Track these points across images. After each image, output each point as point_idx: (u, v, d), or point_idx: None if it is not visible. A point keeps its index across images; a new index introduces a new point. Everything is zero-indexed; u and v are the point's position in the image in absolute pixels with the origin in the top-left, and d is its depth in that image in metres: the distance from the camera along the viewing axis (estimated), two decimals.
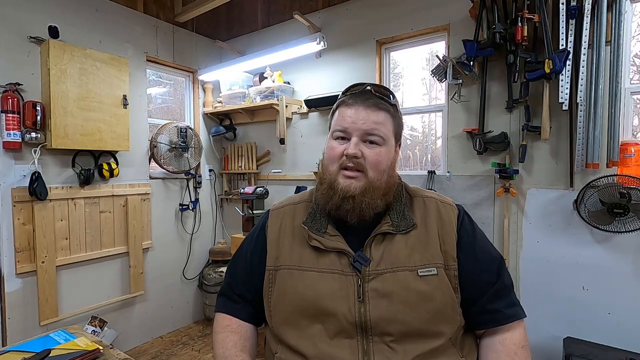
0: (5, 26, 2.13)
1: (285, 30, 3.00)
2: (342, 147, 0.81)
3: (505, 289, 0.84)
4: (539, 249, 2.01)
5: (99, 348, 1.04)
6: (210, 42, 3.37)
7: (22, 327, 2.21)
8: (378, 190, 0.81)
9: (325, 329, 0.77)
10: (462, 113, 2.22)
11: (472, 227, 0.87)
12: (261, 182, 3.20)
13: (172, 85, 3.32)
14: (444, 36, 2.34)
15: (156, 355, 2.73)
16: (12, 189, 2.15)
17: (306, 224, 0.86)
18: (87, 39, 2.47)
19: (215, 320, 0.96)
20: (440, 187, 2.29)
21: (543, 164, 1.98)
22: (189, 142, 3.06)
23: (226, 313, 0.95)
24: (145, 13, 2.86)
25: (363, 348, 0.75)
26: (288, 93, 2.96)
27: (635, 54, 1.89)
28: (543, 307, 1.96)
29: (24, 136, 2.15)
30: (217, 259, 3.29)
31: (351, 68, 2.66)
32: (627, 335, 1.77)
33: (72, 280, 2.44)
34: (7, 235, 2.15)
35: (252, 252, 0.93)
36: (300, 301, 0.79)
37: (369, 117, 0.81)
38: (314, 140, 2.87)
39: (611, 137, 1.73)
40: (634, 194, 1.66)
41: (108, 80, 2.45)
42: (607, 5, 1.72)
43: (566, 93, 1.78)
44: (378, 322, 0.75)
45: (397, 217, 0.83)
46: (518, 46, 1.86)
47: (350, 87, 0.89)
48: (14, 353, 0.98)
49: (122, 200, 2.69)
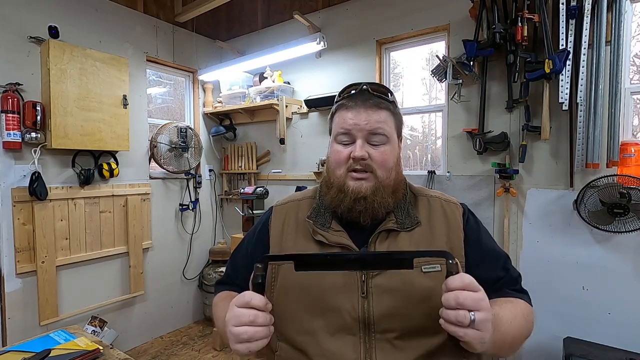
0: (5, 26, 2.13)
1: (285, 30, 3.00)
2: (347, 150, 0.81)
3: (514, 281, 0.85)
4: (539, 249, 2.01)
5: (99, 348, 1.04)
6: (210, 42, 3.37)
7: (22, 327, 2.21)
8: (387, 188, 0.81)
9: (327, 324, 0.77)
10: (462, 113, 2.22)
11: (477, 224, 0.88)
12: (261, 182, 3.20)
13: (172, 85, 3.32)
14: (444, 36, 2.34)
15: (156, 355, 2.73)
16: (12, 189, 2.15)
17: (311, 218, 0.86)
18: (87, 39, 2.47)
19: (214, 299, 0.96)
20: (440, 187, 2.29)
21: (543, 164, 1.98)
22: (189, 142, 3.06)
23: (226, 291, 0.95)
24: (145, 13, 2.86)
25: (365, 345, 0.74)
26: (288, 93, 2.96)
27: (635, 54, 1.89)
28: (543, 307, 1.96)
29: (24, 136, 2.15)
30: (217, 259, 3.29)
31: (351, 68, 2.66)
32: (627, 335, 1.78)
33: (72, 280, 2.44)
34: (7, 235, 2.15)
35: (254, 247, 0.93)
36: (304, 296, 0.79)
37: (371, 117, 0.80)
38: (314, 140, 2.87)
39: (611, 137, 1.73)
40: (634, 194, 1.66)
41: (108, 80, 2.46)
42: (607, 5, 1.72)
43: (566, 93, 1.78)
44: (381, 318, 0.75)
45: (401, 215, 0.83)
46: (518, 46, 1.86)
47: (346, 88, 0.87)
48: (14, 353, 0.98)
49: (122, 200, 2.70)
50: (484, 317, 0.59)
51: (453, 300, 0.59)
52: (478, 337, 0.59)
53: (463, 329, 0.58)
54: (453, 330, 0.59)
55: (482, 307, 0.59)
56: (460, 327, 0.58)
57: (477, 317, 0.58)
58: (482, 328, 0.59)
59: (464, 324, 0.58)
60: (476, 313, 0.58)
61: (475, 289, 0.60)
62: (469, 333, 0.58)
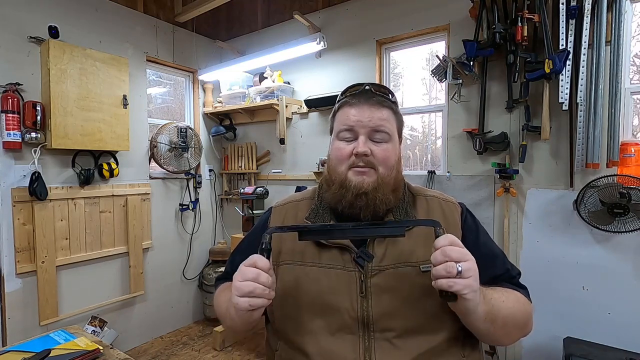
0: (5, 26, 2.13)
1: (285, 30, 3.00)
2: (350, 147, 0.81)
3: (512, 278, 0.86)
4: (538, 249, 2.01)
5: (99, 348, 1.04)
6: (210, 42, 3.37)
7: (22, 327, 2.21)
8: (389, 185, 0.81)
9: (327, 324, 0.77)
10: (462, 113, 2.22)
11: (475, 224, 0.89)
12: (261, 182, 3.20)
13: (172, 85, 3.32)
14: (444, 36, 2.34)
15: (156, 355, 2.73)
16: (12, 189, 2.15)
17: (309, 219, 0.86)
18: (87, 39, 2.47)
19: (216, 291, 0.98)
20: (440, 187, 2.28)
21: (543, 164, 1.98)
22: (189, 142, 3.06)
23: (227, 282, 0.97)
24: (145, 13, 2.86)
25: (364, 344, 0.75)
26: (288, 93, 2.96)
27: (635, 54, 1.89)
28: (543, 307, 1.96)
29: (24, 136, 2.15)
30: (217, 259, 3.29)
31: (351, 68, 2.66)
32: (627, 335, 1.78)
33: (72, 280, 2.44)
34: (7, 235, 2.15)
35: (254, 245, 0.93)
36: (303, 296, 0.79)
37: (374, 114, 0.81)
38: (314, 140, 2.87)
39: (611, 137, 1.73)
40: (634, 194, 1.66)
41: (108, 80, 2.45)
42: (607, 5, 1.72)
43: (566, 93, 1.78)
44: (380, 318, 0.75)
45: (400, 215, 0.84)
46: (518, 46, 1.86)
47: (349, 87, 0.89)
48: (14, 353, 0.98)
49: (122, 200, 2.69)
50: (469, 266, 0.64)
51: (440, 254, 0.64)
52: (467, 285, 0.63)
53: (452, 279, 0.63)
54: (443, 283, 0.63)
55: (467, 258, 0.65)
56: (450, 278, 0.63)
57: (463, 267, 0.63)
58: (470, 275, 0.64)
59: (452, 274, 0.63)
60: (462, 264, 0.63)
61: (460, 245, 0.66)
62: (458, 282, 0.63)
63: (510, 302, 0.77)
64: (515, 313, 0.77)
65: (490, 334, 0.76)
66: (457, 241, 0.66)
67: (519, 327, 0.80)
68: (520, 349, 2.07)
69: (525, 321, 0.81)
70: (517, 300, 0.79)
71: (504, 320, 0.74)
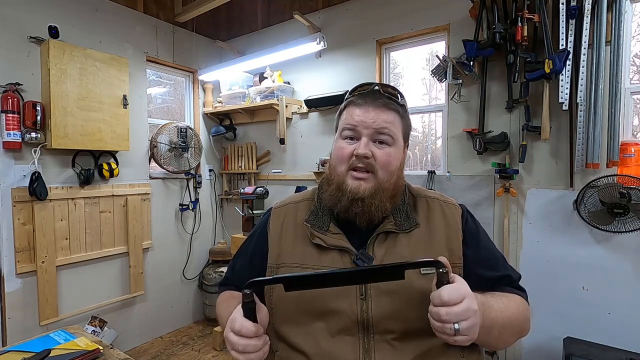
0: (5, 26, 2.13)
1: (285, 30, 3.00)
2: (351, 147, 0.80)
3: (512, 281, 0.86)
4: (539, 249, 2.01)
5: (99, 348, 1.04)
6: (210, 42, 3.37)
7: (22, 327, 2.21)
8: (387, 192, 0.80)
9: (328, 326, 0.77)
10: (462, 113, 2.22)
11: (476, 226, 0.88)
12: (261, 182, 3.20)
13: (172, 85, 3.32)
14: (444, 36, 2.34)
15: (156, 355, 2.73)
16: (12, 189, 2.15)
17: (309, 221, 0.86)
18: (87, 39, 2.47)
19: (217, 299, 0.99)
20: (440, 187, 2.29)
21: (543, 164, 1.98)
22: (189, 142, 3.06)
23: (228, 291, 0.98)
24: (145, 13, 2.86)
25: (364, 346, 0.75)
26: (288, 93, 2.96)
27: (635, 54, 1.89)
28: (543, 307, 1.96)
29: (24, 136, 2.15)
30: (217, 259, 3.29)
31: (351, 68, 2.66)
32: (627, 335, 1.78)
33: (72, 280, 2.44)
34: (7, 235, 2.15)
35: (253, 249, 0.94)
36: (303, 298, 0.79)
37: (379, 116, 0.80)
38: (314, 140, 2.87)
39: (611, 137, 1.73)
40: (634, 194, 1.66)
41: (108, 80, 2.45)
42: (607, 5, 1.72)
43: (566, 93, 1.78)
44: (380, 320, 0.75)
45: (400, 217, 0.83)
46: (518, 46, 1.86)
47: (357, 86, 0.88)
48: (14, 353, 0.98)
49: (122, 200, 2.69)
50: (468, 325, 0.62)
51: (436, 315, 0.63)
52: (466, 340, 0.63)
53: (451, 337, 0.62)
54: (442, 337, 0.64)
55: (467, 316, 0.62)
56: (449, 336, 0.62)
57: (461, 327, 0.61)
58: (468, 333, 0.62)
59: (450, 335, 0.62)
60: (461, 323, 0.61)
61: (456, 301, 0.62)
62: (457, 339, 0.62)
63: (510, 311, 0.76)
64: (513, 321, 0.77)
65: (485, 343, 0.76)
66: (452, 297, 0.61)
67: (515, 333, 0.80)
68: (520, 349, 2.07)
69: (523, 326, 0.81)
70: (516, 307, 0.79)
71: (501, 330, 0.74)
